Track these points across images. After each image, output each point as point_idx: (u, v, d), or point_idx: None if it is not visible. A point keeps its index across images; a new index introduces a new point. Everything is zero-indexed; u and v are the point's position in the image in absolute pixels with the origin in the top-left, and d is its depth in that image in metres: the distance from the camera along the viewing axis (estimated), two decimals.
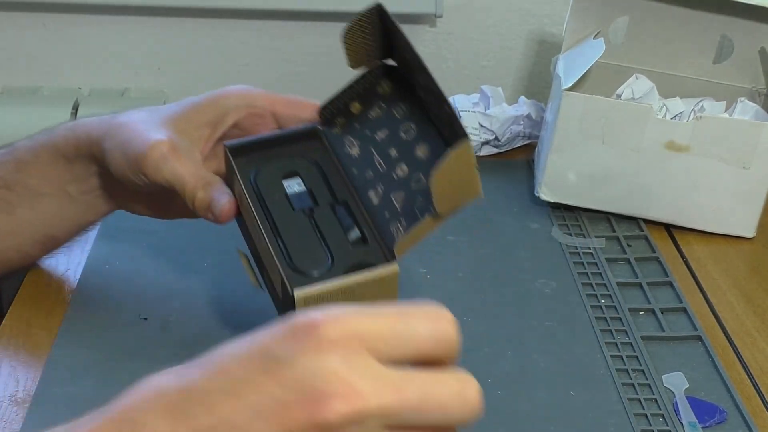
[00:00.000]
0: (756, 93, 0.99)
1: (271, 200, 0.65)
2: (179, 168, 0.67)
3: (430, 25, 1.27)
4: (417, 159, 0.63)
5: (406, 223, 0.61)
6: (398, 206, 0.62)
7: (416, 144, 0.64)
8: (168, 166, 0.67)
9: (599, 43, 0.93)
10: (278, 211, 0.65)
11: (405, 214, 0.62)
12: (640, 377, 0.74)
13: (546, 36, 1.27)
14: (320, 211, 0.65)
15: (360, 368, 0.37)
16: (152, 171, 0.67)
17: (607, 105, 0.91)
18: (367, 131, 0.67)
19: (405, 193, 0.62)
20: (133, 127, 0.70)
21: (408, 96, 0.65)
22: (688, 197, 0.92)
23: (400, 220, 0.62)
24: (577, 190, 0.94)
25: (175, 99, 1.32)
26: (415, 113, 0.65)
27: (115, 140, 0.70)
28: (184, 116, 0.71)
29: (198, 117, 0.71)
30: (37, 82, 1.30)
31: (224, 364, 0.39)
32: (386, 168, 0.64)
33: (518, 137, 1.07)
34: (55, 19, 1.26)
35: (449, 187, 0.57)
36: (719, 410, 0.71)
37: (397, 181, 0.64)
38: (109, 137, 0.71)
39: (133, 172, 0.69)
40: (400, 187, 0.63)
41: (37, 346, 0.73)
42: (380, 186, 0.64)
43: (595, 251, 0.90)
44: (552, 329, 0.79)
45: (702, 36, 1.00)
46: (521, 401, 0.71)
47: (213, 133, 0.71)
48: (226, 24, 1.27)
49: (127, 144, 0.69)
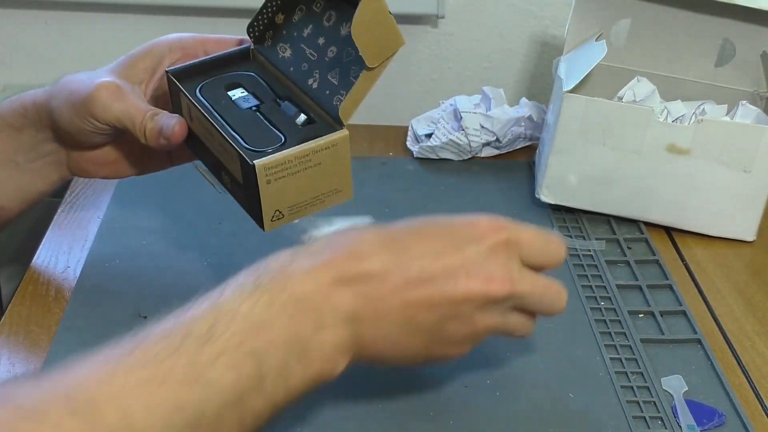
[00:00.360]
0: (757, 96, 0.99)
1: (219, 107, 0.69)
2: (126, 104, 0.70)
3: (432, 26, 1.27)
4: (343, 37, 0.68)
5: (346, 89, 0.65)
6: (335, 81, 0.67)
7: (339, 25, 0.68)
8: (116, 104, 0.70)
9: (601, 46, 0.93)
10: (228, 114, 0.69)
11: (343, 85, 0.66)
12: (639, 380, 0.74)
13: (548, 38, 1.27)
14: (266, 107, 0.70)
15: (515, 266, 0.59)
16: (101, 111, 0.70)
17: (609, 107, 0.91)
18: (294, 33, 0.71)
19: (339, 68, 0.67)
20: (78, 79, 0.73)
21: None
22: (688, 200, 0.92)
23: (340, 92, 0.66)
24: (578, 192, 0.94)
25: None
26: (332, 2, 0.69)
27: (61, 96, 0.73)
28: (124, 66, 0.73)
29: (136, 65, 0.73)
30: (38, 80, 1.29)
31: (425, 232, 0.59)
32: (318, 55, 0.69)
33: (519, 139, 1.07)
34: (57, 17, 1.26)
35: (371, 37, 0.62)
36: (718, 413, 0.70)
37: (329, 61, 0.68)
38: (55, 95, 0.73)
39: (81, 118, 0.71)
40: (334, 65, 0.68)
41: (36, 344, 0.73)
42: (316, 72, 0.69)
43: (595, 253, 0.90)
44: (551, 331, 0.79)
45: (704, 39, 1.00)
46: (520, 403, 0.71)
47: (152, 77, 0.74)
48: (226, 23, 1.27)
49: (73, 94, 0.72)
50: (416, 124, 1.08)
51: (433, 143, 1.04)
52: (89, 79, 0.72)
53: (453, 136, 1.03)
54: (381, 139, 1.09)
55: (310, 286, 0.54)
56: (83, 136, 0.73)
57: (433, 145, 1.04)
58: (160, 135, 0.69)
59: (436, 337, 0.58)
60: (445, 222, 0.60)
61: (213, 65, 0.73)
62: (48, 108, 0.74)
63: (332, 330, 0.55)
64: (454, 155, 1.05)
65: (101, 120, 0.71)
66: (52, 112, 0.73)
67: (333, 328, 0.55)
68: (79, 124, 0.72)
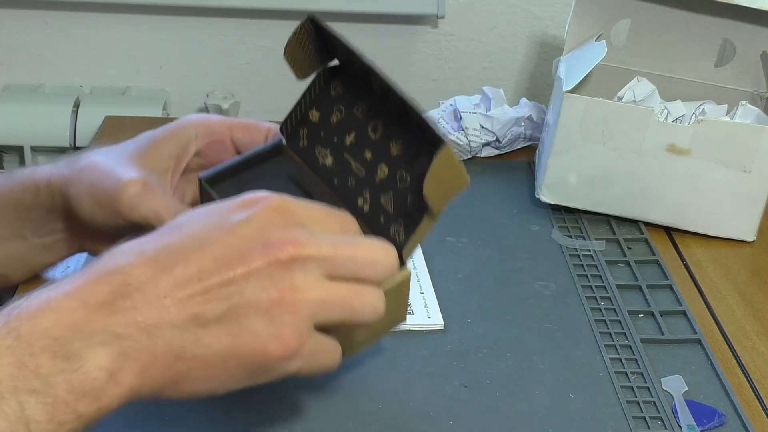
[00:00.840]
0: (757, 96, 0.99)
1: None
2: (155, 204, 0.65)
3: (432, 27, 1.27)
4: (394, 157, 0.62)
5: (404, 224, 0.61)
6: (391, 208, 0.62)
7: (389, 141, 0.63)
8: (144, 204, 0.65)
9: (601, 46, 0.93)
10: None
11: (400, 214, 0.61)
12: (639, 380, 0.74)
13: (548, 38, 1.27)
14: None
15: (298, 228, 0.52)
16: (128, 210, 0.65)
17: (609, 107, 0.91)
18: (334, 138, 0.66)
19: (393, 193, 0.62)
20: (100, 168, 0.68)
21: (364, 93, 0.64)
22: (688, 200, 0.92)
23: (397, 221, 0.61)
24: (578, 192, 0.94)
25: (177, 98, 1.33)
26: (376, 109, 0.64)
27: (81, 185, 0.68)
28: (148, 152, 0.69)
29: (161, 151, 0.70)
30: (38, 80, 1.30)
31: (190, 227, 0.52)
32: (366, 172, 0.63)
33: (519, 139, 1.07)
34: (57, 17, 1.26)
35: (440, 188, 0.57)
36: (718, 414, 0.71)
37: (381, 184, 0.63)
38: (74, 182, 0.68)
39: (106, 214, 0.67)
40: (386, 188, 0.62)
41: None
42: (366, 192, 0.63)
43: (595, 253, 0.90)
44: (551, 331, 0.79)
45: (704, 39, 1.00)
46: (520, 403, 0.71)
47: (178, 165, 0.70)
48: (227, 23, 1.27)
49: (96, 186, 0.67)
50: None
51: None
52: (112, 168, 0.67)
53: (453, 137, 1.03)
54: None
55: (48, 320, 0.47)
56: (104, 228, 0.68)
57: None
58: None
59: (235, 329, 0.50)
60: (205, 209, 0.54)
61: (245, 166, 0.67)
62: (64, 193, 0.69)
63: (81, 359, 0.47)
64: None
65: (127, 218, 0.66)
66: (69, 199, 0.69)
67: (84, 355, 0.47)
68: (101, 219, 0.67)
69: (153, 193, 0.66)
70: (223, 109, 1.25)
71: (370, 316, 0.54)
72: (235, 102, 1.27)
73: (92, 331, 0.47)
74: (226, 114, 1.25)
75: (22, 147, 1.22)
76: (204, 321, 0.49)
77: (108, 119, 1.12)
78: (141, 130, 1.08)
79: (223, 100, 1.26)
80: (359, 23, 1.26)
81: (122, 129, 1.10)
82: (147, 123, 1.11)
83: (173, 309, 0.49)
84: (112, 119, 1.12)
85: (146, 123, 1.11)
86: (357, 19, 1.26)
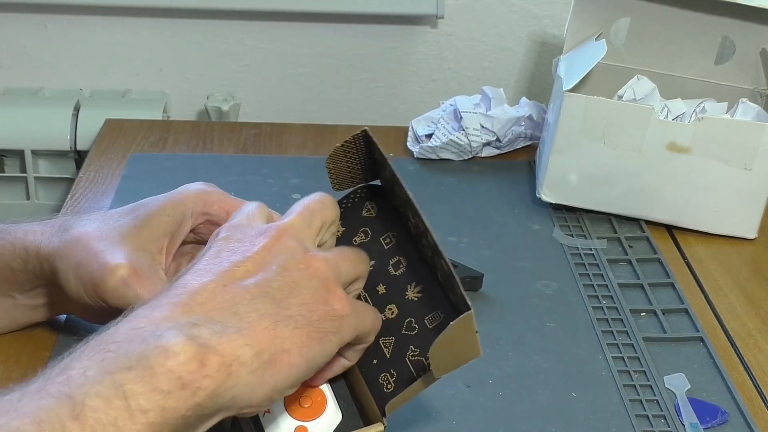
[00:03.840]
0: (757, 94, 0.99)
1: None
2: (140, 292, 0.62)
3: (432, 26, 1.27)
4: (408, 301, 0.59)
5: (398, 377, 0.57)
6: (387, 354, 0.58)
7: (407, 284, 0.59)
8: (130, 292, 0.63)
9: (601, 45, 0.94)
10: None
11: (396, 363, 0.57)
12: (641, 378, 0.74)
13: (547, 37, 1.27)
14: None
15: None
16: (112, 297, 0.63)
17: (609, 106, 0.91)
18: None
19: (395, 338, 0.58)
20: (88, 247, 0.65)
21: (396, 222, 0.61)
22: (689, 198, 0.92)
23: (390, 369, 0.58)
24: (579, 191, 0.94)
25: (176, 100, 1.33)
26: (403, 246, 0.60)
27: (69, 262, 0.65)
28: (143, 230, 0.66)
29: (156, 229, 0.67)
30: (38, 84, 1.30)
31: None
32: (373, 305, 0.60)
33: (519, 138, 1.07)
34: (57, 20, 1.26)
35: (448, 355, 0.54)
36: (721, 411, 0.70)
37: (386, 323, 0.59)
38: (62, 257, 0.66)
39: (90, 297, 0.64)
40: (390, 330, 0.59)
41: (39, 347, 0.73)
42: None
43: (596, 252, 0.90)
44: (553, 330, 0.79)
45: (703, 37, 1.00)
46: (522, 402, 0.71)
47: (172, 244, 0.67)
48: (226, 25, 1.28)
49: (82, 267, 0.64)
50: (416, 125, 1.08)
51: (434, 143, 1.04)
52: (101, 250, 0.64)
53: (453, 137, 1.03)
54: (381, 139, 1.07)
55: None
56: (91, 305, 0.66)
57: (434, 145, 1.04)
58: None
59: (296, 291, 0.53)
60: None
61: None
62: (52, 266, 0.66)
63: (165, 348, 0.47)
64: (454, 155, 1.05)
65: (111, 304, 0.63)
66: (57, 273, 0.66)
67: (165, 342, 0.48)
68: (87, 299, 0.65)
69: (140, 281, 0.63)
70: (224, 110, 1.25)
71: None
72: (235, 104, 1.27)
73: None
74: (227, 116, 1.26)
75: (23, 151, 1.22)
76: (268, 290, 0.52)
77: (108, 122, 1.12)
78: (141, 132, 1.09)
79: (223, 102, 1.26)
80: (359, 23, 1.26)
81: (122, 132, 1.10)
82: (147, 126, 1.12)
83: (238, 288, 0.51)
84: (113, 122, 1.12)
85: (146, 126, 1.12)
86: (357, 20, 1.26)
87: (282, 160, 1.04)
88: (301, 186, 0.98)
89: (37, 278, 0.69)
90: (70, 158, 1.24)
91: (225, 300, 0.51)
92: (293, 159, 1.05)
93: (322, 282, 0.54)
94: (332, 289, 0.54)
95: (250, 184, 0.99)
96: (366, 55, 1.28)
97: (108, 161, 1.03)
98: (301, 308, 0.52)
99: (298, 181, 0.99)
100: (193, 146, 1.08)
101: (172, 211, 0.67)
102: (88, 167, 1.02)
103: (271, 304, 0.51)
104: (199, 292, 0.51)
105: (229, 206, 0.68)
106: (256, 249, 0.54)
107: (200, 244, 0.70)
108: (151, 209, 0.67)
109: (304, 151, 1.08)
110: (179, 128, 1.12)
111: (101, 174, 1.01)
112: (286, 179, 1.00)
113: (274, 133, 1.11)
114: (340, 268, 0.56)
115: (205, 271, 0.52)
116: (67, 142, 1.21)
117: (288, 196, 0.96)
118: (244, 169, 1.02)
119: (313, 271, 0.54)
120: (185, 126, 1.13)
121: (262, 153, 1.07)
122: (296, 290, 0.53)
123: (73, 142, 1.22)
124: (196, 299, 0.50)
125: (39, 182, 1.26)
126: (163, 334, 0.47)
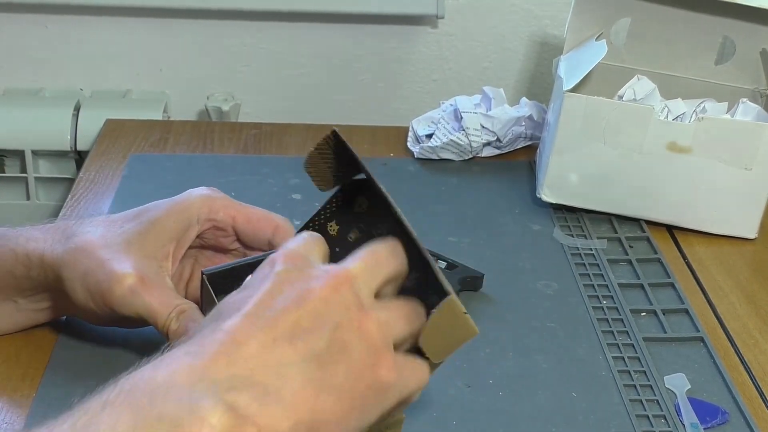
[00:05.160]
0: (758, 94, 0.99)
1: None
2: (148, 300, 0.63)
3: (432, 27, 1.27)
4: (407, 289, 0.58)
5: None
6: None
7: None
8: (137, 300, 0.63)
9: (601, 45, 0.94)
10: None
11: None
12: (641, 378, 0.74)
13: (548, 37, 1.27)
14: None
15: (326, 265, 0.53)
16: (119, 306, 0.63)
17: (609, 106, 0.91)
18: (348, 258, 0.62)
19: None
20: (94, 255, 0.64)
21: (386, 216, 0.60)
22: (689, 198, 0.92)
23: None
24: (579, 191, 0.94)
25: (177, 100, 1.33)
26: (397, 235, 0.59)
27: (75, 271, 0.65)
28: (148, 236, 0.66)
29: (162, 235, 0.67)
30: (39, 84, 1.30)
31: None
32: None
33: (520, 138, 1.07)
34: (57, 21, 1.26)
35: (441, 341, 0.54)
36: (721, 411, 0.70)
37: None
38: (68, 266, 0.65)
39: (97, 305, 0.64)
40: None
41: (39, 347, 0.73)
42: None
43: (596, 252, 0.90)
44: (554, 330, 0.79)
45: (704, 37, 1.00)
46: (523, 402, 0.71)
47: (178, 250, 0.67)
48: (227, 25, 1.28)
49: (89, 276, 0.64)
50: (417, 125, 1.08)
51: (434, 144, 1.04)
52: (107, 258, 0.64)
53: (454, 137, 1.03)
54: (382, 140, 1.09)
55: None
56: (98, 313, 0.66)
57: (434, 145, 1.04)
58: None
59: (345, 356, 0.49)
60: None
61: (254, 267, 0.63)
62: (57, 274, 0.66)
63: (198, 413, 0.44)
64: (454, 155, 1.05)
65: (119, 313, 0.64)
66: (62, 281, 0.66)
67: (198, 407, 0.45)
68: (95, 308, 0.65)
69: (147, 289, 0.63)
70: (224, 111, 1.25)
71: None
72: (236, 104, 1.27)
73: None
74: (227, 116, 1.26)
75: (23, 151, 1.22)
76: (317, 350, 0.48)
77: (108, 122, 1.12)
78: (142, 132, 1.09)
79: (224, 102, 1.26)
80: (359, 23, 1.26)
81: (123, 132, 1.10)
82: (147, 126, 1.12)
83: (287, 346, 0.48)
84: (113, 122, 1.12)
85: (147, 126, 1.12)
86: (357, 20, 1.26)
87: (282, 160, 1.04)
88: (301, 186, 0.98)
89: (41, 284, 0.69)
90: (71, 158, 1.24)
91: (271, 358, 0.47)
92: (293, 159, 1.05)
93: (371, 347, 0.50)
94: (381, 354, 0.50)
95: (250, 184, 0.99)
96: (366, 55, 1.28)
97: (108, 161, 1.03)
98: (348, 376, 0.49)
99: (298, 181, 0.99)
100: (194, 146, 1.08)
101: (178, 218, 0.67)
102: (88, 167, 1.02)
103: (317, 369, 0.48)
104: (246, 343, 0.47)
105: (235, 212, 0.68)
106: (311, 297, 0.49)
107: (204, 248, 0.71)
108: (156, 215, 0.67)
109: (304, 151, 1.06)
110: (179, 128, 1.12)
111: (101, 174, 1.01)
112: (287, 179, 1.00)
113: (274, 133, 1.11)
114: (393, 330, 0.52)
115: (255, 317, 0.48)
116: (68, 142, 1.22)
117: (288, 197, 0.96)
118: (245, 169, 1.02)
119: (365, 333, 0.50)
120: (185, 126, 1.13)
121: (262, 153, 1.07)
122: (345, 354, 0.49)
123: (73, 143, 1.22)
124: (242, 353, 0.47)
125: (39, 182, 1.26)
126: (200, 400, 0.44)
